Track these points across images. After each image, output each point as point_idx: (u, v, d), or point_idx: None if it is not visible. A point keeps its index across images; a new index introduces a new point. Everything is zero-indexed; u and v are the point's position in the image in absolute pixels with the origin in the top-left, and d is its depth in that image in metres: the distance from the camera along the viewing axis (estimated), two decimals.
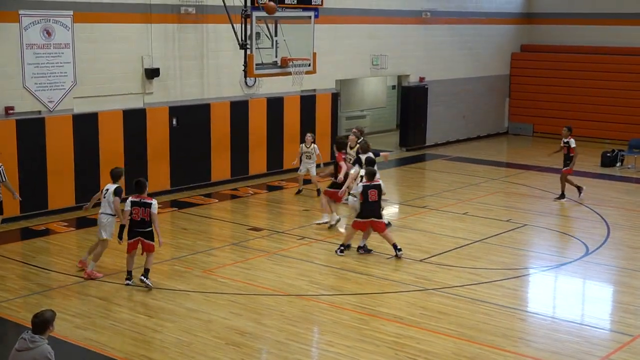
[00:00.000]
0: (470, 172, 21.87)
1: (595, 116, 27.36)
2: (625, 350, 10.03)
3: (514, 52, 29.24)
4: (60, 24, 16.18)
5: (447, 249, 14.31)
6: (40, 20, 15.87)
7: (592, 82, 27.44)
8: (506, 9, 28.52)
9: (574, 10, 28.38)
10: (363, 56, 23.29)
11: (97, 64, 16.91)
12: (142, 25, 17.60)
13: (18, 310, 11.12)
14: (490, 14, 27.74)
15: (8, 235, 14.91)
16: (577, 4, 28.37)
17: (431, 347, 9.97)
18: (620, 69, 27.01)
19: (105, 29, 16.98)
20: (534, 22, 29.35)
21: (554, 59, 28.38)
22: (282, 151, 21.03)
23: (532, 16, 29.37)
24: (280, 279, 12.59)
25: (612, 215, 17.16)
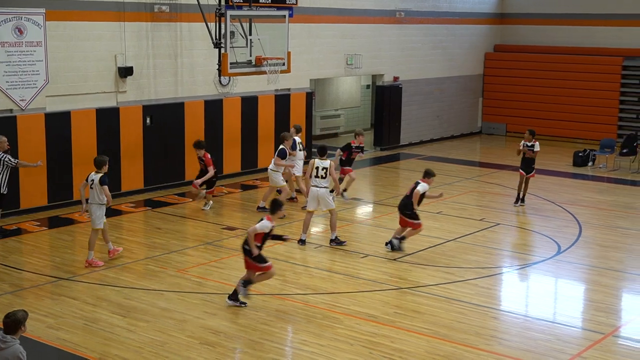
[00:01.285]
0: (444, 172, 21.91)
1: (568, 116, 27.59)
2: (596, 348, 10.11)
3: (487, 52, 29.40)
4: (32, 21, 16.05)
5: (421, 248, 14.36)
6: (11, 17, 15.72)
7: (564, 82, 27.65)
8: (479, 9, 28.68)
9: (546, 10, 28.60)
10: (337, 55, 23.31)
11: (70, 63, 16.80)
12: (115, 24, 17.50)
13: None
14: (463, 14, 27.88)
15: None
16: (549, 4, 28.58)
17: (405, 345, 10.00)
18: (592, 69, 27.27)
19: (78, 27, 16.87)
20: (507, 23, 29.54)
21: (527, 59, 28.58)
22: (257, 150, 21.00)
23: (505, 16, 29.55)
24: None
25: (583, 214, 17.31)
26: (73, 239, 14.85)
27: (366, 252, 14.03)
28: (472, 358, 9.73)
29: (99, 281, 12.32)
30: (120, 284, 12.21)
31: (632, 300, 12.56)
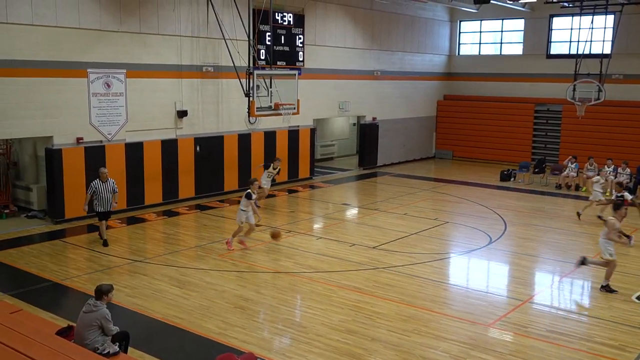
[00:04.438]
0: (408, 185, 21.95)
1: (496, 145, 27.60)
2: (517, 311, 10.09)
3: (439, 100, 29.41)
4: (117, 78, 16.11)
5: (392, 239, 14.34)
6: (102, 76, 15.79)
7: (494, 121, 27.68)
8: (433, 69, 28.72)
9: (481, 71, 28.67)
10: (333, 102, 23.34)
11: (143, 107, 16.84)
12: (175, 80, 17.55)
13: (85, 283, 11.00)
14: (422, 72, 27.93)
15: (78, 230, 14.79)
16: (483, 67, 28.67)
17: (381, 309, 9.98)
18: (513, 112, 27.29)
19: (149, 82, 16.91)
20: (453, 79, 29.57)
21: (468, 105, 28.60)
22: None
23: (451, 75, 29.59)
24: (274, 261, 12.57)
25: (508, 215, 17.29)
26: (144, 232, 14.84)
27: (353, 242, 14.01)
28: (429, 318, 9.70)
29: (163, 262, 12.30)
30: (177, 264, 12.20)
31: (542, 276, 12.52)
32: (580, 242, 14.60)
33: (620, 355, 8.48)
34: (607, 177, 20.85)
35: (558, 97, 24.90)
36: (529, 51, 27.38)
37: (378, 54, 25.13)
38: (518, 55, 27.79)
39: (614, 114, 24.59)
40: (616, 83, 24.30)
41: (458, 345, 8.68)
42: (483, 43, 29.15)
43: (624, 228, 13.67)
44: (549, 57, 26.90)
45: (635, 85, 24.62)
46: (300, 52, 20.78)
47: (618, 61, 23.77)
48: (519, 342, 8.91)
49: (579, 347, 8.73)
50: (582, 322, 9.75)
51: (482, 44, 29.17)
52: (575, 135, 25.50)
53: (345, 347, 8.54)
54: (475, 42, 29.33)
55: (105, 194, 13.15)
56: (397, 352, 8.45)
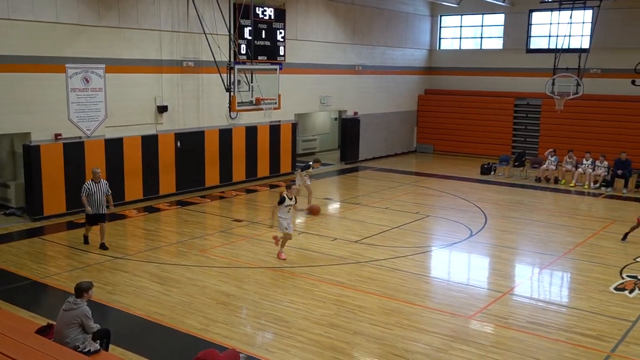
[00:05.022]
0: (389, 179, 22.02)
1: (476, 139, 27.78)
2: (497, 303, 10.18)
3: (420, 94, 29.50)
4: (96, 74, 15.92)
5: (374, 233, 14.37)
6: (81, 71, 15.59)
7: (474, 115, 27.85)
8: (414, 63, 28.80)
9: (462, 65, 28.81)
10: (314, 97, 23.31)
11: (122, 103, 16.67)
12: (155, 75, 17.40)
13: (64, 281, 10.89)
14: (403, 67, 28.00)
15: (57, 227, 14.63)
16: (464, 61, 28.81)
17: (363, 303, 10.01)
18: (493, 106, 27.49)
19: (128, 77, 16.75)
20: (434, 74, 29.68)
21: (449, 99, 28.74)
22: (257, 164, 20.94)
23: (432, 69, 29.69)
24: (256, 255, 12.52)
25: (488, 208, 17.42)
26: (125, 229, 14.72)
27: (335, 236, 14.02)
28: (410, 311, 9.75)
29: (144, 259, 12.22)
30: (158, 261, 12.12)
31: (522, 268, 12.64)
32: (560, 235, 14.76)
33: (598, 345, 8.59)
34: (586, 169, 21.13)
35: (537, 91, 25.10)
36: (509, 46, 27.56)
37: (359, 48, 25.14)
38: (498, 49, 27.96)
39: (592, 108, 24.87)
40: (594, 77, 24.54)
41: (440, 338, 8.74)
42: (464, 38, 29.28)
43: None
44: (528, 52, 27.10)
45: (612, 79, 24.90)
46: (281, 47, 20.71)
47: (596, 56, 24.02)
48: (499, 333, 8.99)
49: (558, 338, 8.83)
50: (561, 313, 9.87)
51: (462, 38, 29.30)
52: (555, 129, 25.75)
53: (327, 341, 8.55)
54: (456, 36, 29.46)
55: (98, 196, 12.62)
56: (380, 345, 8.48)
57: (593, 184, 20.82)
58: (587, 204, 18.93)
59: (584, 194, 20.14)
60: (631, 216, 17.14)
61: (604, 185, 20.64)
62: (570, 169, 21.59)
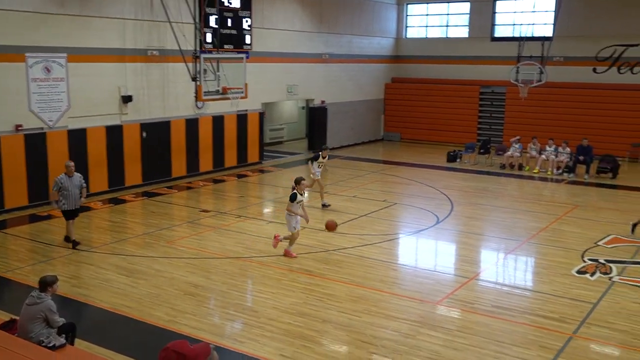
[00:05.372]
0: (357, 167, 22.11)
1: (443, 127, 28.04)
2: (464, 288, 10.34)
3: (386, 83, 29.63)
4: (57, 63, 15.57)
5: (342, 221, 14.38)
6: (41, 60, 15.24)
7: (440, 103, 28.10)
8: (381, 52, 28.89)
9: (428, 54, 28.99)
10: (281, 85, 23.23)
11: (85, 93, 16.36)
12: (119, 64, 17.11)
13: (27, 275, 10.69)
14: (369, 56, 28.06)
15: (18, 221, 14.33)
16: (430, 50, 28.98)
17: (332, 291, 10.06)
18: (459, 94, 27.76)
19: (91, 67, 16.44)
20: (400, 62, 29.82)
21: (415, 87, 28.93)
22: (224, 154, 20.81)
23: (399, 58, 29.82)
24: (223, 246, 12.46)
25: (454, 195, 17.62)
26: (90, 221, 14.48)
27: (303, 225, 14.00)
28: (378, 298, 9.83)
29: (109, 251, 12.06)
30: (125, 253, 11.98)
31: (487, 254, 12.84)
32: (524, 220, 15.02)
33: (561, 327, 8.80)
34: (549, 156, 21.52)
35: (502, 79, 25.42)
36: (474, 34, 27.82)
37: (326, 37, 25.09)
38: (464, 38, 28.21)
39: (555, 96, 25.29)
40: (557, 65, 24.96)
41: (407, 324, 8.84)
42: (430, 26, 29.45)
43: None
44: (493, 40, 27.38)
45: (575, 67, 25.35)
46: (247, 36, 20.48)
47: (559, 44, 24.41)
48: (465, 318, 9.13)
49: (523, 321, 9.02)
50: (525, 297, 10.07)
51: (428, 27, 29.47)
52: (519, 117, 26.13)
53: (297, 330, 8.58)
54: (422, 25, 29.61)
55: (73, 190, 12.09)
56: (348, 332, 8.55)
57: (556, 170, 21.23)
58: (550, 190, 19.30)
59: (547, 180, 20.53)
60: (593, 201, 17.56)
61: (566, 172, 21.06)
62: (535, 155, 21.97)
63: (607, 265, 11.49)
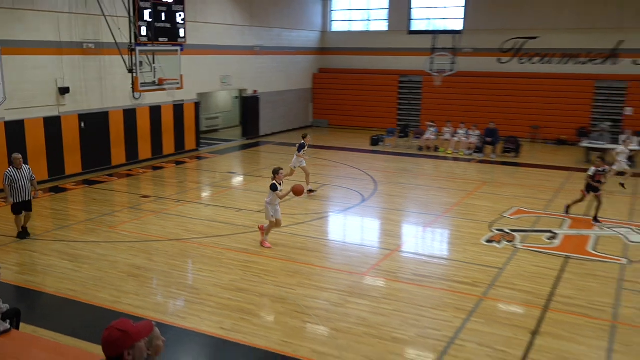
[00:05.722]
0: (289, 152, 22.03)
1: (367, 113, 28.39)
2: (388, 260, 10.58)
3: (314, 73, 29.66)
4: None
5: None
6: None
7: (364, 92, 28.40)
8: (308, 44, 28.86)
9: (351, 45, 29.18)
10: (215, 76, 22.86)
11: (22, 85, 15.58)
12: (56, 57, 16.36)
13: None
14: (298, 48, 27.98)
15: None
16: (353, 42, 29.18)
17: (268, 267, 10.09)
18: (381, 83, 28.12)
19: (28, 59, 15.65)
20: (327, 54, 29.90)
21: (340, 77, 29.10)
22: (162, 143, 20.35)
23: (325, 50, 29.89)
24: (164, 229, 12.24)
25: (378, 175, 17.93)
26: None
27: (240, 207, 13.96)
28: (311, 272, 9.93)
29: (52, 238, 11.61)
30: (68, 239, 11.57)
31: (408, 228, 13.16)
32: (440, 197, 15.48)
33: (473, 290, 9.18)
34: (460, 138, 22.21)
35: (418, 69, 25.95)
36: (393, 28, 28.19)
37: (257, 30, 24.82)
38: (384, 31, 28.54)
39: (465, 83, 26.05)
40: (467, 56, 25.69)
41: (338, 294, 8.99)
42: (353, 20, 29.62)
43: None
44: (410, 33, 27.83)
45: (483, 57, 26.16)
46: (181, 29, 19.98)
47: (468, 37, 25.13)
48: (390, 286, 9.37)
49: (440, 287, 9.35)
50: (441, 265, 10.42)
51: (352, 21, 29.64)
52: (434, 103, 26.78)
53: (236, 304, 8.57)
54: (346, 19, 29.74)
55: (23, 182, 11.37)
56: (284, 304, 8.61)
57: (467, 151, 21.95)
58: (462, 169, 19.94)
59: (459, 159, 21.19)
60: (499, 178, 18.27)
61: (476, 152, 21.81)
62: (448, 138, 22.60)
63: (511, 234, 12.03)
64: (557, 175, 18.41)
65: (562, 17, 24.76)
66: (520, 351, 7.31)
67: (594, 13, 24.24)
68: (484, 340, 7.56)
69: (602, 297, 8.99)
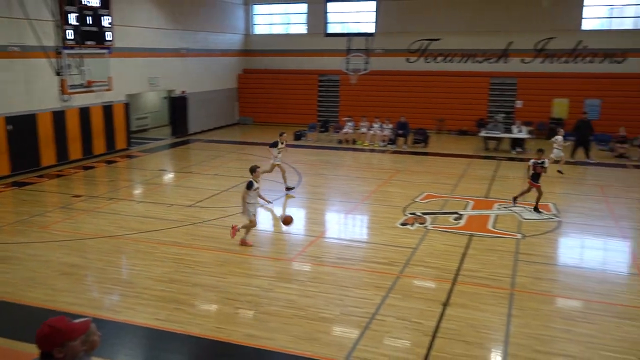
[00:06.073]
0: (217, 149, 21.73)
1: (289, 110, 28.33)
2: (313, 245, 10.62)
3: (239, 73, 29.25)
4: None
5: (206, 197, 14.16)
6: None
7: (286, 91, 28.33)
8: (233, 47, 28.41)
9: (273, 47, 28.99)
10: (144, 78, 22.04)
11: None
12: None
13: None
14: (223, 50, 27.48)
15: None
16: (275, 44, 29.01)
17: (200, 258, 9.87)
18: (302, 82, 28.14)
19: None
20: (250, 55, 29.54)
21: (264, 77, 28.86)
22: (92, 143, 19.42)
23: (248, 52, 29.53)
24: (97, 227, 11.69)
25: (302, 168, 17.96)
26: None
27: (171, 202, 13.57)
28: (241, 260, 9.81)
29: None
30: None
31: (331, 215, 13.23)
32: (358, 185, 15.70)
33: (390, 269, 9.39)
34: (375, 131, 22.61)
35: (336, 68, 26.14)
36: (311, 31, 28.24)
37: (182, 33, 24.14)
38: (303, 34, 28.53)
39: (378, 81, 26.53)
40: (379, 56, 26.14)
41: (267, 280, 8.93)
42: (274, 24, 29.41)
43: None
44: (327, 36, 27.99)
45: (393, 57, 26.72)
46: (108, 32, 19.10)
47: (380, 39, 25.57)
48: (315, 270, 9.41)
49: (361, 268, 9.49)
50: (361, 248, 10.58)
51: (273, 24, 29.42)
52: (350, 100, 27.11)
53: (170, 295, 8.33)
54: (268, 23, 29.49)
55: None
56: (216, 292, 8.46)
57: (381, 143, 22.39)
58: (377, 159, 20.33)
59: (375, 151, 21.59)
60: (410, 166, 18.75)
61: (389, 143, 22.29)
62: (365, 131, 22.95)
63: (423, 217, 12.39)
64: (460, 162, 19.14)
65: (460, 21, 25.69)
66: (434, 321, 7.55)
67: (487, 18, 25.33)
68: (402, 314, 7.74)
69: (501, 268, 9.43)
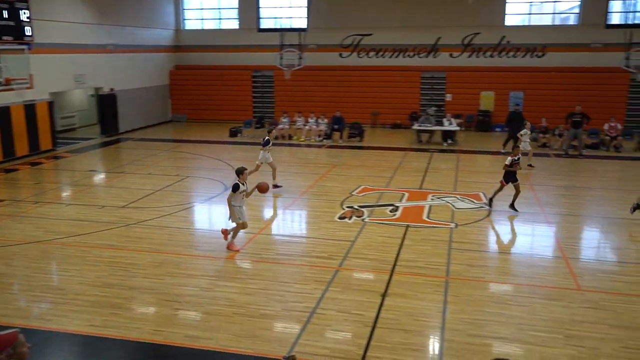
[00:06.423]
0: (150, 147, 21.14)
1: (224, 107, 27.96)
2: (252, 242, 10.54)
3: (170, 70, 28.53)
4: None
5: (140, 197, 13.75)
6: None
7: (220, 87, 27.90)
8: (162, 42, 27.67)
9: (205, 43, 28.48)
10: (69, 75, 21.09)
11: None
12: None
13: None
14: (153, 46, 26.71)
15: None
16: (207, 39, 28.49)
17: (135, 260, 9.60)
18: (235, 78, 27.79)
19: None
20: (182, 51, 28.87)
21: (196, 73, 28.30)
22: (13, 144, 18.38)
23: (180, 47, 28.84)
24: (23, 232, 11.10)
25: (238, 164, 17.50)
26: None
27: (103, 204, 13.09)
28: (179, 261, 9.62)
29: None
30: None
31: (269, 211, 13.17)
32: (296, 180, 15.73)
33: (329, 263, 9.49)
34: (311, 126, 22.72)
35: (269, 64, 26.01)
36: (243, 25, 27.92)
37: (109, 28, 23.25)
38: (235, 29, 28.18)
39: (312, 77, 26.62)
40: (312, 52, 26.22)
41: (206, 279, 8.81)
42: (205, 19, 28.87)
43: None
44: (259, 31, 27.70)
45: (326, 53, 26.90)
46: (27, 27, 18.11)
47: (312, 34, 25.62)
48: (255, 267, 9.37)
49: (301, 263, 9.53)
50: (301, 243, 10.63)
51: (204, 19, 28.87)
52: (286, 95, 27.07)
53: (104, 300, 8.05)
54: (199, 17, 28.91)
55: None
56: (154, 294, 8.25)
57: (317, 138, 22.53)
58: (314, 154, 20.45)
59: (311, 146, 21.69)
60: (346, 160, 19.00)
61: (325, 138, 22.46)
62: (300, 127, 23.01)
63: (360, 210, 12.59)
64: (395, 155, 19.58)
65: (392, 17, 26.20)
66: (373, 312, 7.71)
67: (417, 13, 25.97)
68: (342, 307, 7.85)
69: (436, 257, 9.75)
